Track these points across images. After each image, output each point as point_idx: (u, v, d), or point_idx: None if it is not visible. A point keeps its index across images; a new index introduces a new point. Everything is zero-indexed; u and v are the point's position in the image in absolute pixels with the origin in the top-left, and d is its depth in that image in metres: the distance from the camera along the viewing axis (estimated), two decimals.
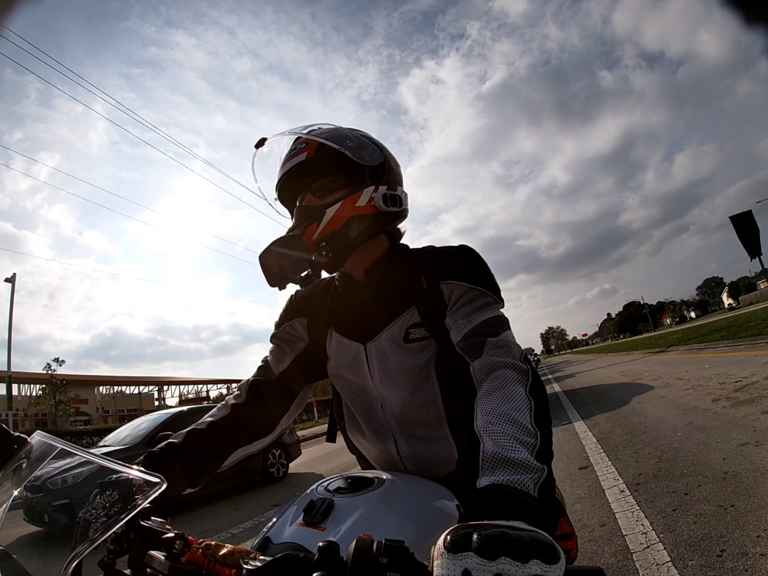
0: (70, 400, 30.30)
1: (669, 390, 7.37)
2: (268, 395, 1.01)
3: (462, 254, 0.93)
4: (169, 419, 6.60)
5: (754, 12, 0.56)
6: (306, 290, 1.07)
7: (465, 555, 0.38)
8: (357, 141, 0.92)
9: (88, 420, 35.06)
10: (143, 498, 0.55)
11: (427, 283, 0.91)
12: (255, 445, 1.01)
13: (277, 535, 0.68)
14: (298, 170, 0.91)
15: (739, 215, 12.52)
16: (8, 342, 18.15)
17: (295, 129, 0.95)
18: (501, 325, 0.83)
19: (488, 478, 0.57)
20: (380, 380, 0.95)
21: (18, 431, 0.70)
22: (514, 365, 0.74)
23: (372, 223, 0.89)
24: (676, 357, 14.54)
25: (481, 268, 0.91)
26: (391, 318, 0.93)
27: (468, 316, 0.85)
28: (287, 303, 1.09)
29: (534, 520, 0.48)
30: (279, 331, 1.07)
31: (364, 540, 0.44)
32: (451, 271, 0.89)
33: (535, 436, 0.62)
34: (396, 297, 0.94)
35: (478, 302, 0.86)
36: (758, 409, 4.42)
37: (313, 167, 0.91)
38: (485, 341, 0.79)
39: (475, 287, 0.86)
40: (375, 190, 0.89)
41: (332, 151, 0.90)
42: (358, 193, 0.88)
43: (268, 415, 1.02)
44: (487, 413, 0.67)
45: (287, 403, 1.04)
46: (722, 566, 1.97)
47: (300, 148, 0.92)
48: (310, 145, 0.91)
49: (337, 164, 0.91)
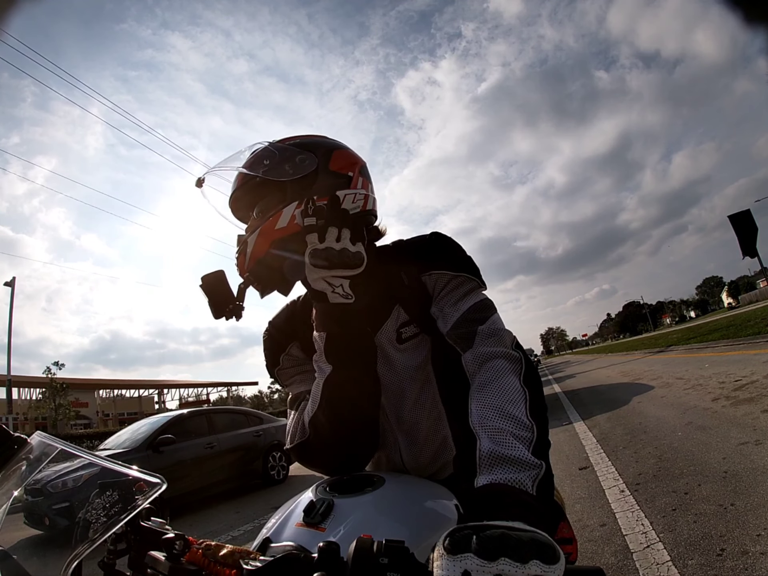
0: (70, 403, 30.25)
1: (669, 390, 7.36)
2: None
3: (437, 242, 0.90)
4: (169, 422, 6.59)
5: (754, 11, 0.56)
6: (282, 318, 1.01)
7: (465, 556, 0.38)
8: (280, 156, 0.84)
9: (88, 423, 34.99)
10: (143, 498, 0.55)
11: (407, 278, 0.89)
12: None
13: (277, 535, 0.68)
14: (233, 203, 0.90)
15: (738, 214, 12.54)
16: (8, 346, 18.16)
17: (222, 162, 0.90)
18: (488, 309, 0.82)
19: (486, 477, 0.57)
20: (383, 389, 0.92)
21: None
22: (507, 354, 0.73)
23: (297, 242, 0.80)
24: (676, 357, 14.54)
25: (459, 253, 0.89)
26: (380, 321, 0.90)
27: (455, 303, 0.84)
28: (269, 342, 1.00)
29: (533, 520, 0.48)
30: (281, 365, 0.99)
31: (364, 540, 0.45)
32: (431, 261, 0.87)
33: (531, 429, 0.62)
34: (380, 298, 0.90)
35: (463, 288, 0.85)
36: (758, 408, 4.42)
37: (243, 198, 0.89)
38: (476, 330, 0.78)
39: (459, 274, 0.85)
40: (298, 206, 0.80)
41: (250, 178, 0.86)
42: (276, 214, 0.81)
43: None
44: (481, 408, 0.66)
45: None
46: (722, 565, 1.97)
47: (235, 181, 0.89)
48: (238, 177, 0.88)
49: (263, 188, 0.86)
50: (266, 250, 0.81)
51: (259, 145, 0.88)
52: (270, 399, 60.45)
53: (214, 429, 7.03)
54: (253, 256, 0.82)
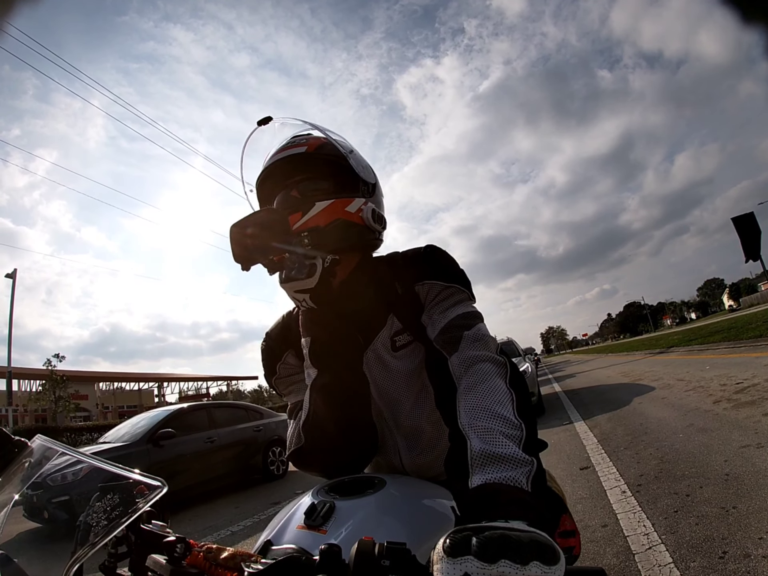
0: (69, 396, 30.36)
1: (670, 391, 7.36)
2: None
3: (432, 254, 0.92)
4: (169, 417, 6.59)
5: (751, 11, 0.55)
6: (277, 328, 1.01)
7: (465, 559, 0.38)
8: (357, 154, 0.92)
9: (87, 416, 35.13)
10: (144, 501, 0.55)
11: (402, 288, 0.90)
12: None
13: (278, 538, 0.68)
14: (292, 162, 0.88)
15: (741, 217, 12.53)
16: (8, 337, 18.20)
17: (301, 120, 0.93)
18: (475, 317, 0.85)
19: (480, 477, 0.57)
20: (379, 395, 0.93)
21: (18, 427, 0.70)
22: (492, 358, 0.75)
23: (355, 233, 0.87)
24: (677, 358, 14.54)
25: (452, 266, 0.91)
26: (376, 330, 0.91)
27: (444, 311, 0.85)
28: (266, 351, 1.01)
29: (532, 518, 0.48)
30: (278, 374, 1.00)
31: (365, 542, 0.44)
32: (424, 272, 0.89)
33: (520, 428, 0.63)
34: (374, 307, 0.91)
35: (453, 299, 0.86)
36: (759, 411, 4.41)
37: (309, 163, 0.88)
38: (461, 335, 0.80)
39: (450, 285, 0.87)
40: (365, 203, 0.88)
41: (335, 153, 0.88)
42: (350, 198, 0.87)
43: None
44: (470, 409, 0.67)
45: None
46: (724, 568, 1.96)
47: (300, 142, 0.89)
48: (311, 142, 0.89)
49: (334, 167, 0.89)
50: (329, 222, 0.83)
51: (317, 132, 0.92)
52: (270, 394, 60.64)
53: (214, 423, 7.04)
54: (315, 220, 0.82)
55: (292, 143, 0.89)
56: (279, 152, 0.89)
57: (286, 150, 0.88)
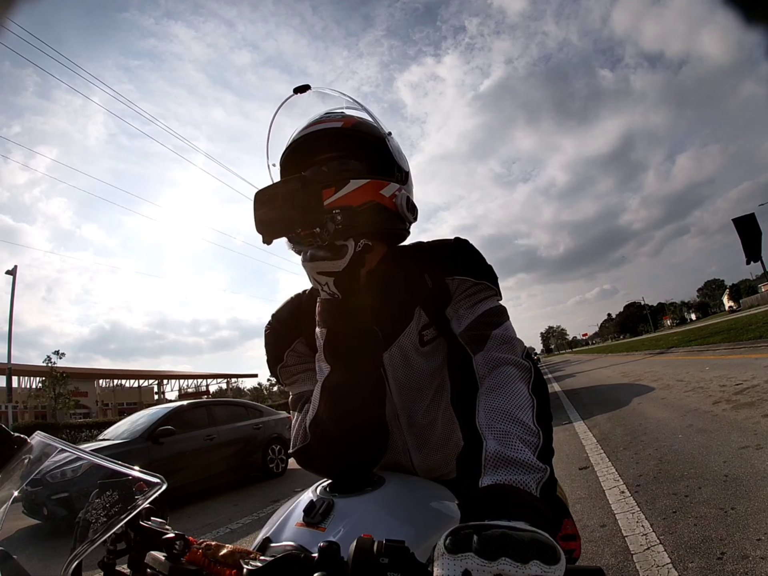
0: (69, 393, 30.39)
1: (669, 391, 7.36)
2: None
3: (461, 248, 0.90)
4: (168, 414, 6.60)
5: (754, 11, 0.56)
6: (286, 311, 0.95)
7: (465, 555, 0.38)
8: (394, 138, 0.88)
9: (87, 413, 35.19)
10: (143, 498, 0.55)
11: (432, 281, 0.87)
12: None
13: (277, 535, 0.68)
14: (325, 136, 0.83)
15: (742, 218, 12.53)
16: (9, 334, 18.22)
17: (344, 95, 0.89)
18: (502, 314, 0.83)
19: (491, 478, 0.57)
20: (398, 392, 0.90)
21: (17, 424, 0.70)
22: (517, 362, 0.74)
23: (387, 218, 0.83)
24: (677, 358, 14.55)
25: (482, 261, 0.89)
26: (404, 323, 0.88)
27: (471, 307, 0.83)
28: (272, 336, 0.94)
29: (536, 520, 0.48)
30: (285, 362, 0.92)
31: (364, 540, 0.44)
32: (455, 266, 0.86)
33: (537, 435, 0.63)
34: (403, 299, 0.88)
35: (482, 295, 0.85)
36: (759, 413, 4.42)
37: (342, 141, 0.85)
38: (489, 334, 0.78)
39: (480, 281, 0.85)
40: (399, 190, 0.85)
41: (374, 132, 0.85)
42: (385, 181, 0.83)
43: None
44: (489, 410, 0.67)
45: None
46: (722, 569, 1.96)
47: (335, 117, 0.86)
48: (347, 119, 0.85)
49: (370, 149, 0.85)
50: (362, 202, 0.79)
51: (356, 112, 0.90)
52: (269, 391, 60.71)
53: (214, 421, 7.05)
54: (348, 198, 0.77)
55: (326, 117, 0.86)
56: (311, 125, 0.84)
57: (319, 123, 0.84)
